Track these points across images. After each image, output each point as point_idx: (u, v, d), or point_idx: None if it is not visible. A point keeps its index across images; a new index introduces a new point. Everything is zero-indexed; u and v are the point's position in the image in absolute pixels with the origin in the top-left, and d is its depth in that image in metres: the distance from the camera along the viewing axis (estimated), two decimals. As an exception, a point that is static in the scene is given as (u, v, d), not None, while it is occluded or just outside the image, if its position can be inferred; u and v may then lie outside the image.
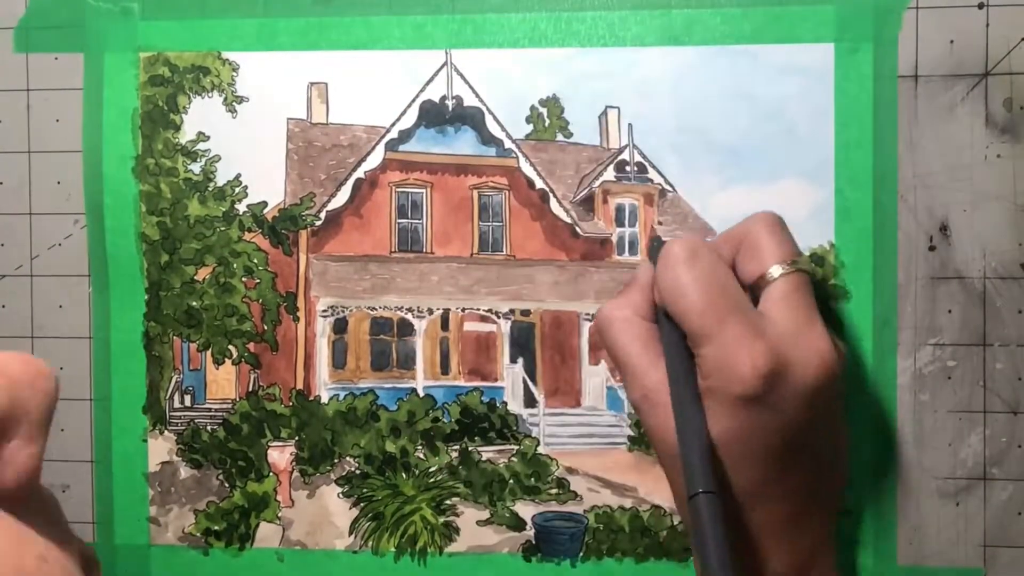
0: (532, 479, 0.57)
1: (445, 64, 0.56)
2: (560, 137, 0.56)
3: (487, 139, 0.57)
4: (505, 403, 0.57)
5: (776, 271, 0.46)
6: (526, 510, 0.57)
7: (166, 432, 0.58)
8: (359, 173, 0.57)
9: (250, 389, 0.58)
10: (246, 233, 0.57)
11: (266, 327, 0.58)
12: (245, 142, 0.57)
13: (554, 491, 0.56)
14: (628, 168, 0.56)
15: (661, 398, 0.45)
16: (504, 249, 0.57)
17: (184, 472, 0.58)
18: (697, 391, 0.44)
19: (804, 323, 0.45)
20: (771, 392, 0.43)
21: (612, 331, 0.48)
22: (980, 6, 0.53)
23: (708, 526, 0.40)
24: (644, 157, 0.55)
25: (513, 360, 0.58)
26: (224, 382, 0.58)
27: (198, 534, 0.58)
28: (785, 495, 0.46)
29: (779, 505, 0.46)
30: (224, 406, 0.58)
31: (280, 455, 0.58)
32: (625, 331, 0.47)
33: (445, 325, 0.58)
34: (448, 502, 0.57)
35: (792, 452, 0.45)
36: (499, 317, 0.58)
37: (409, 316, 0.57)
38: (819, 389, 0.44)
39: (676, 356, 0.45)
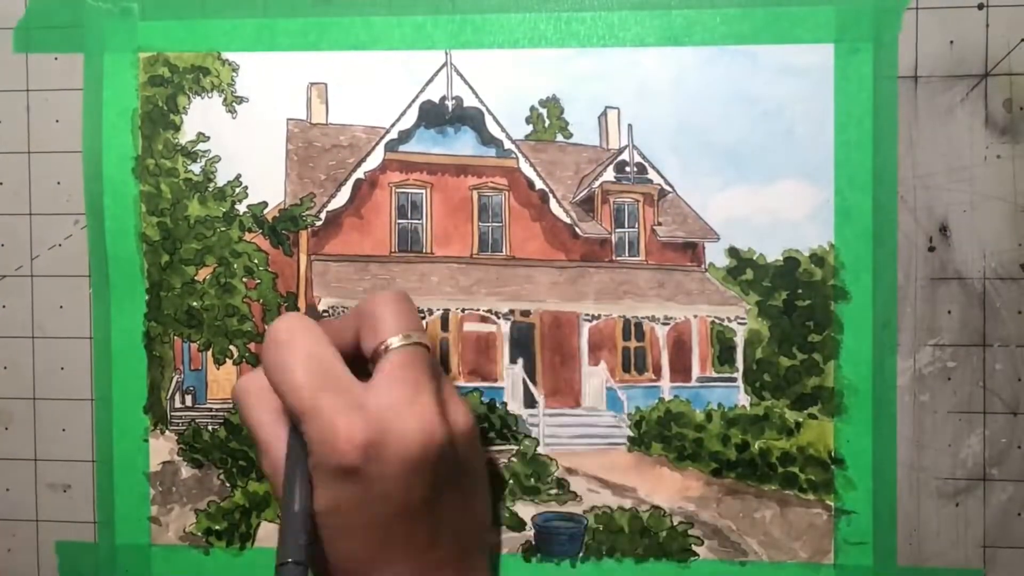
0: (532, 479, 0.57)
1: (445, 64, 0.56)
2: (560, 138, 0.56)
3: (487, 139, 0.57)
4: (505, 403, 0.57)
5: (394, 342, 0.46)
6: (526, 510, 0.57)
7: (167, 432, 0.58)
8: (359, 173, 0.57)
9: (250, 389, 0.58)
10: (246, 233, 0.57)
11: (267, 327, 0.58)
12: (245, 142, 0.57)
13: (554, 491, 0.56)
14: (628, 169, 0.56)
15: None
16: (504, 250, 0.57)
17: (185, 472, 0.58)
18: (306, 467, 0.44)
19: (410, 396, 0.44)
20: (371, 463, 0.43)
21: (246, 403, 0.48)
22: (980, 7, 0.53)
23: None
24: (644, 158, 0.55)
25: (513, 360, 0.58)
26: (225, 382, 0.58)
27: (199, 534, 0.58)
28: (405, 558, 0.45)
29: (398, 568, 0.45)
30: (225, 406, 0.58)
31: (280, 455, 0.58)
32: (257, 404, 0.47)
33: (445, 325, 0.58)
34: (448, 502, 0.57)
35: (403, 519, 0.44)
36: (499, 317, 0.58)
37: (409, 316, 0.57)
38: (423, 459, 0.44)
39: (294, 432, 0.46)
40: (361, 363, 0.47)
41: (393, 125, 0.57)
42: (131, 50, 0.57)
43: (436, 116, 0.57)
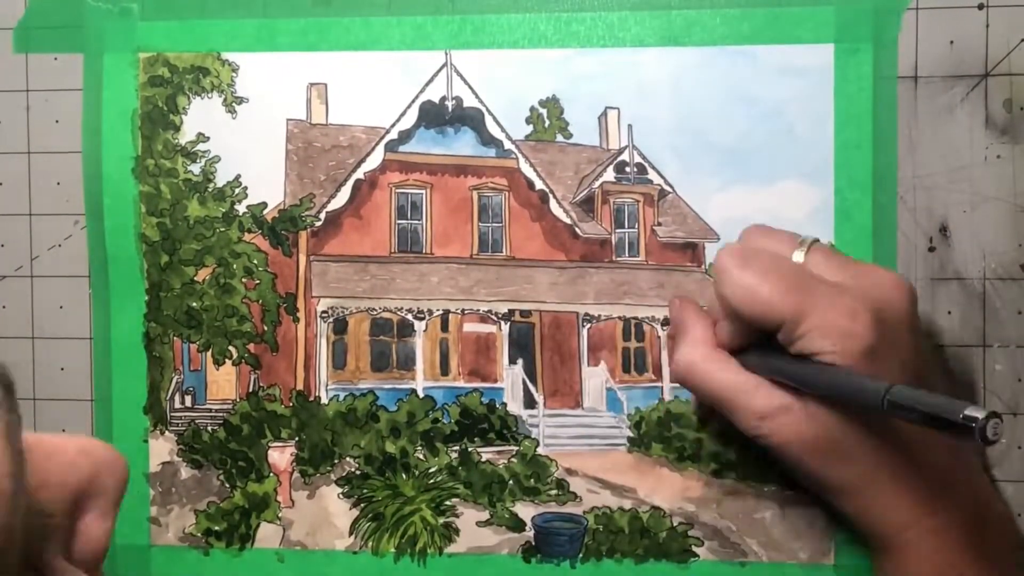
0: (532, 480, 0.57)
1: (445, 65, 0.56)
2: (560, 138, 0.56)
3: (487, 140, 0.57)
4: (505, 404, 0.57)
5: (799, 255, 0.46)
6: (526, 511, 0.57)
7: (167, 432, 0.58)
8: (359, 174, 0.57)
9: (250, 390, 0.58)
10: (246, 234, 0.57)
11: (266, 328, 0.58)
12: (245, 143, 0.57)
13: (554, 492, 0.56)
14: (628, 169, 0.56)
15: (791, 409, 0.45)
16: (504, 250, 0.57)
17: (185, 472, 0.58)
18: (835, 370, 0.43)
19: (861, 269, 0.46)
20: (882, 339, 0.43)
21: (700, 375, 0.48)
22: (980, 7, 0.53)
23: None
24: (644, 158, 0.55)
25: (513, 361, 0.58)
26: (224, 383, 0.58)
27: (199, 534, 0.58)
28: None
29: None
30: (224, 407, 0.58)
31: (280, 455, 0.58)
32: (715, 369, 0.47)
33: (445, 326, 0.58)
34: (448, 503, 0.57)
35: (917, 379, 0.44)
36: (499, 318, 0.58)
37: (409, 317, 0.58)
38: (911, 313, 0.45)
39: (788, 361, 0.45)
40: None
41: (393, 125, 0.57)
42: (131, 50, 0.57)
43: (436, 116, 0.57)
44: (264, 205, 0.57)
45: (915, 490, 0.45)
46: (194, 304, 0.58)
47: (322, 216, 0.57)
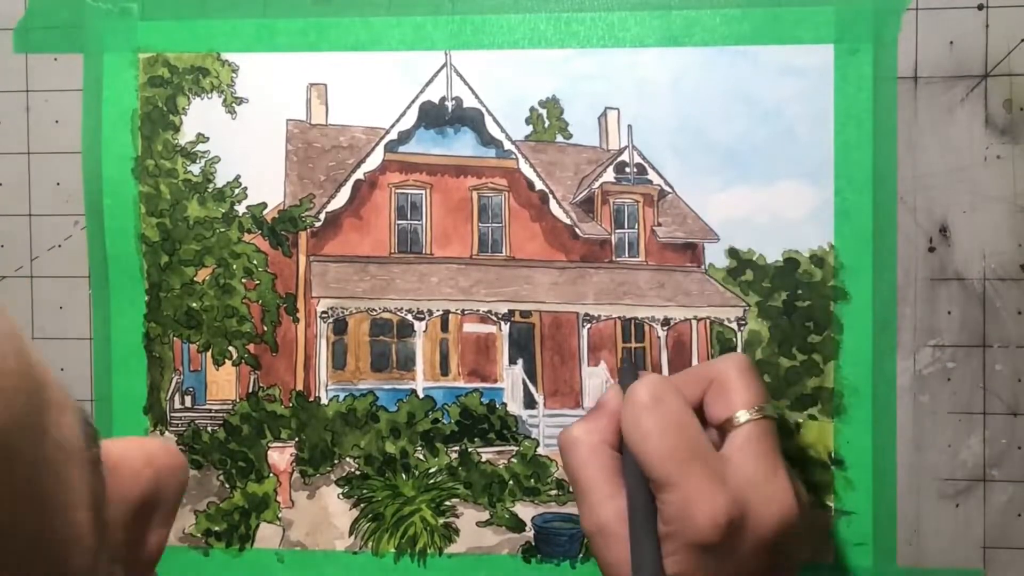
0: (532, 480, 0.57)
1: (445, 65, 0.56)
2: (560, 138, 0.56)
3: (487, 140, 0.57)
4: (505, 404, 0.57)
5: (743, 416, 0.45)
6: (526, 511, 0.57)
7: (167, 432, 0.58)
8: (358, 174, 0.57)
9: (250, 390, 0.58)
10: (246, 234, 0.57)
11: (266, 328, 0.58)
12: (244, 143, 0.57)
13: (554, 492, 0.56)
14: (628, 169, 0.56)
15: (617, 531, 0.45)
16: (504, 250, 0.57)
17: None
18: (656, 531, 0.44)
19: (767, 472, 0.45)
20: (729, 540, 0.43)
21: (576, 456, 0.48)
22: (980, 7, 0.53)
23: None
24: (644, 158, 0.55)
25: (513, 361, 0.58)
26: (224, 383, 0.58)
27: (198, 535, 0.58)
28: None
29: None
30: (224, 407, 0.58)
31: (280, 456, 0.58)
32: (590, 458, 0.47)
33: (445, 326, 0.58)
34: (448, 503, 0.57)
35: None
36: (499, 318, 0.58)
37: (409, 317, 0.58)
38: (779, 536, 0.44)
39: (639, 494, 0.45)
40: None
41: (393, 126, 0.57)
42: (131, 50, 0.57)
43: (436, 117, 0.57)
44: (264, 205, 0.57)
45: None
46: (194, 304, 0.58)
47: (322, 216, 0.57)
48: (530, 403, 0.57)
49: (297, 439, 0.58)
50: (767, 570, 0.45)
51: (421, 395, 0.57)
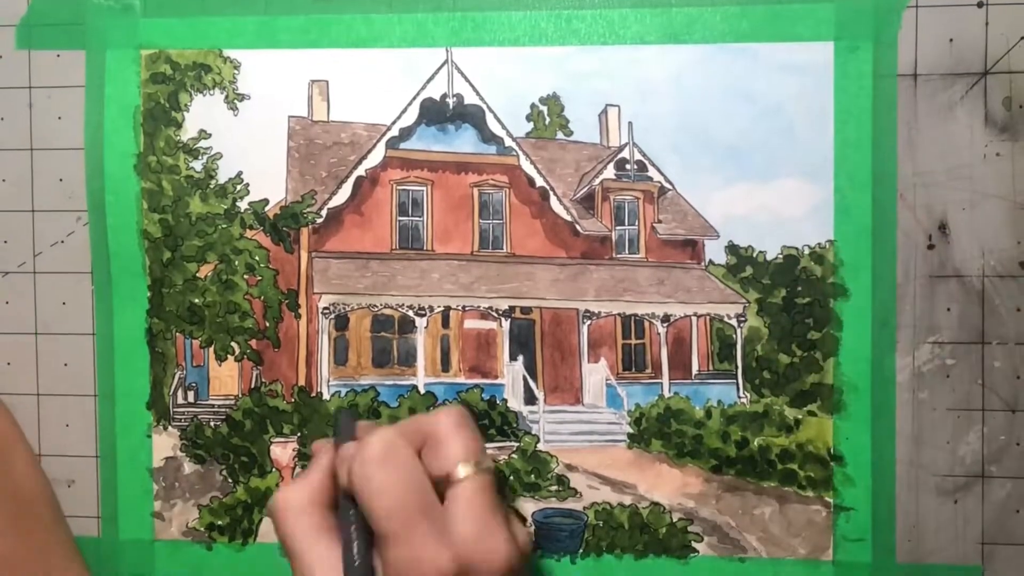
0: (532, 476, 0.57)
1: (446, 62, 0.56)
2: (560, 135, 0.56)
3: (488, 137, 0.57)
4: (505, 400, 0.57)
5: (462, 471, 0.45)
6: (526, 507, 0.57)
7: (170, 428, 0.58)
8: (360, 171, 0.57)
9: (252, 385, 0.58)
10: (248, 230, 0.58)
11: (268, 324, 0.58)
12: (246, 140, 0.57)
13: (554, 488, 0.57)
14: (628, 166, 0.56)
15: None
16: (504, 247, 0.57)
17: (188, 467, 0.59)
18: None
19: (487, 525, 0.44)
20: None
21: (285, 522, 0.46)
22: (979, 5, 0.53)
23: None
24: (644, 155, 0.56)
25: (513, 357, 0.58)
26: (227, 378, 0.59)
27: (202, 529, 0.59)
28: None
29: None
30: (227, 402, 0.58)
31: (282, 451, 0.58)
32: (298, 522, 0.46)
33: (446, 322, 0.58)
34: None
35: None
36: (499, 315, 0.58)
37: (410, 313, 0.58)
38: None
39: (359, 550, 0.45)
40: None
41: (394, 122, 0.57)
42: (133, 47, 0.57)
43: (437, 113, 0.57)
44: (266, 202, 0.58)
45: None
46: (196, 300, 0.58)
47: (323, 213, 0.58)
48: (530, 399, 0.57)
49: (299, 434, 0.58)
50: None
51: (422, 391, 0.58)
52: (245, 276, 0.58)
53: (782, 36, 0.54)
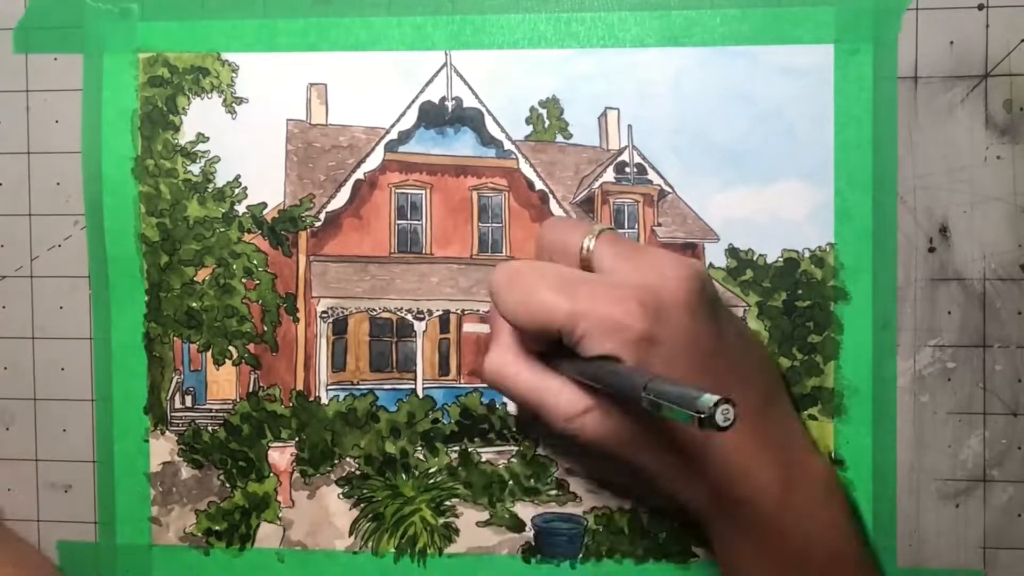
0: (532, 480, 0.57)
1: (445, 65, 0.56)
2: (560, 138, 0.56)
3: (487, 140, 0.57)
4: (505, 404, 0.57)
5: (589, 241, 0.46)
6: (526, 511, 0.57)
7: (167, 432, 0.58)
8: (359, 174, 0.57)
9: (250, 390, 0.58)
10: (246, 234, 0.57)
11: (266, 328, 0.58)
12: (245, 143, 0.57)
13: (554, 492, 0.56)
14: (628, 169, 0.56)
15: (591, 410, 0.45)
16: (504, 250, 0.57)
17: (185, 472, 0.58)
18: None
19: (644, 257, 0.45)
20: (659, 324, 0.43)
21: (507, 378, 0.47)
22: (980, 7, 0.53)
23: None
24: (644, 158, 0.55)
25: (513, 361, 0.58)
26: (224, 383, 0.58)
27: (199, 534, 0.58)
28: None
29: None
30: (225, 407, 0.58)
31: (280, 456, 0.58)
32: (522, 373, 0.47)
33: (445, 326, 0.58)
34: (448, 503, 0.57)
35: (711, 357, 0.45)
36: (499, 318, 0.58)
37: (409, 317, 0.58)
38: (699, 298, 0.44)
39: (581, 361, 0.44)
40: None
41: (393, 126, 0.57)
42: (131, 50, 0.57)
43: (436, 117, 0.57)
44: (264, 205, 0.57)
45: (710, 477, 0.46)
46: (194, 304, 0.58)
47: (322, 216, 0.57)
48: (530, 403, 0.57)
49: (297, 439, 0.58)
50: (724, 346, 0.45)
51: (421, 395, 0.57)
52: (243, 280, 0.58)
53: (782, 39, 0.54)
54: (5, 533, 0.58)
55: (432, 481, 0.57)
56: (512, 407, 0.57)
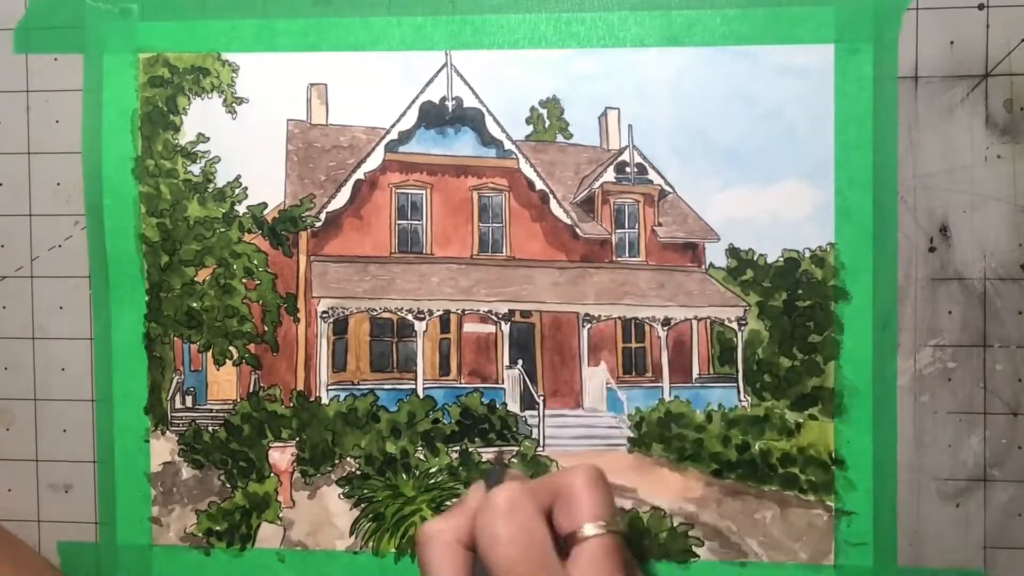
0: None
1: (445, 65, 0.56)
2: (560, 138, 0.56)
3: (487, 140, 0.57)
4: (505, 404, 0.57)
5: (589, 530, 0.45)
6: (526, 511, 0.57)
7: (168, 433, 0.58)
8: (359, 174, 0.57)
9: (251, 390, 0.58)
10: (246, 234, 0.57)
11: (266, 328, 0.58)
12: (245, 143, 0.57)
13: (554, 492, 0.56)
14: (628, 169, 0.56)
15: None
16: (504, 250, 0.57)
17: (186, 472, 0.58)
18: None
19: None
20: None
21: (429, 553, 0.47)
22: (980, 7, 0.53)
23: None
24: (644, 158, 0.55)
25: (513, 361, 0.58)
26: (225, 383, 0.58)
27: (200, 534, 0.58)
28: None
29: None
30: (225, 407, 0.58)
31: (281, 456, 0.58)
32: (442, 557, 0.46)
33: (445, 326, 0.58)
34: (448, 503, 0.57)
35: None
36: (499, 318, 0.58)
37: (409, 317, 0.58)
38: None
39: None
40: None
41: (393, 126, 0.57)
42: (131, 51, 0.57)
43: (436, 117, 0.57)
44: (264, 205, 0.57)
45: None
46: (194, 304, 0.58)
47: (322, 216, 0.57)
48: (530, 403, 0.57)
49: (298, 439, 0.58)
50: None
51: (421, 395, 0.57)
52: (243, 280, 0.58)
53: (782, 38, 0.54)
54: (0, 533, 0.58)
55: (432, 481, 0.57)
56: (512, 407, 0.57)
